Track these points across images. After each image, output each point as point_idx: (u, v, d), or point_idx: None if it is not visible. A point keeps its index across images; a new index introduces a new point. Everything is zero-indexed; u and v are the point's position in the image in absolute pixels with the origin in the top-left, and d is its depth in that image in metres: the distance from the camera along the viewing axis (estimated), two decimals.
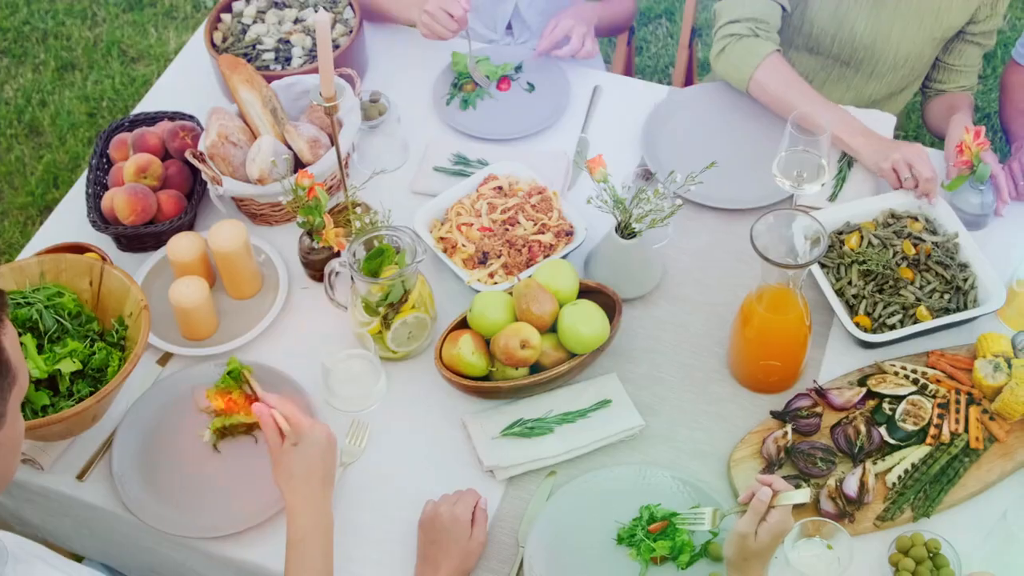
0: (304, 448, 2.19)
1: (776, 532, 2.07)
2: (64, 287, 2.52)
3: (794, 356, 2.51)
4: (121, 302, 2.51)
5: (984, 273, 2.65)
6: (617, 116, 3.12)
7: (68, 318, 2.47)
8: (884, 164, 2.79)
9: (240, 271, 2.69)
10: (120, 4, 5.31)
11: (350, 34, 3.09)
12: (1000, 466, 2.44)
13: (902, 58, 3.13)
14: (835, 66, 3.21)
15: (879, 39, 3.09)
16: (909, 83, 3.26)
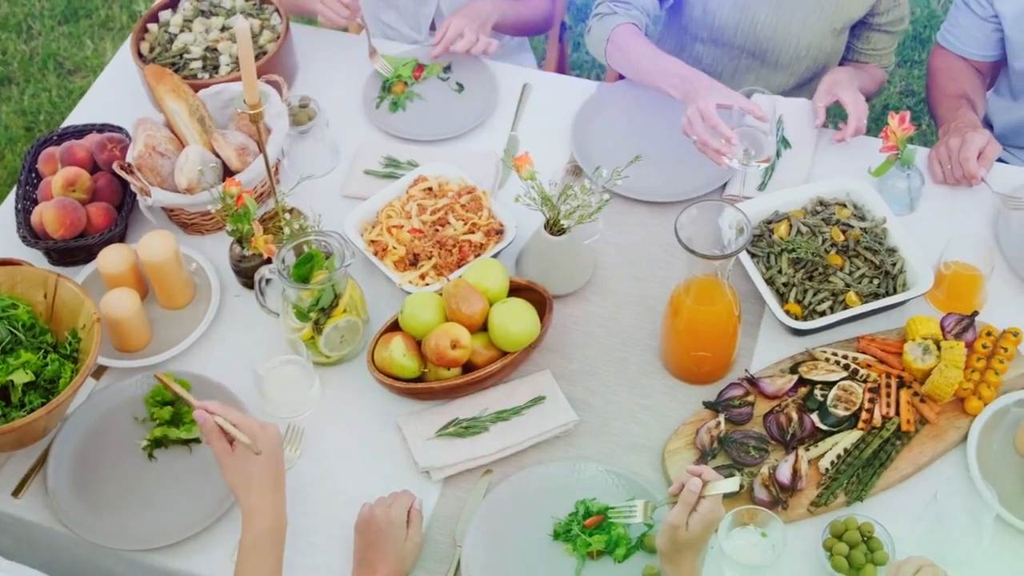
0: (261, 451, 2.18)
1: (707, 522, 2.08)
2: (19, 299, 2.51)
3: (725, 346, 2.53)
4: (75, 315, 2.50)
5: (912, 257, 2.68)
6: (547, 113, 3.13)
7: (22, 330, 2.46)
8: (689, 109, 2.79)
9: (171, 281, 2.68)
10: (55, 16, 5.29)
11: (277, 40, 3.08)
12: (932, 448, 2.46)
13: (804, 48, 3.17)
14: (742, 57, 3.24)
15: (780, 30, 3.13)
16: (816, 73, 3.29)
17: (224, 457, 2.18)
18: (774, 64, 3.23)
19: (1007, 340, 2.56)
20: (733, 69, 3.25)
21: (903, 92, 5.00)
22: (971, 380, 2.51)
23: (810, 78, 3.30)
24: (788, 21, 3.11)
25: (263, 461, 2.17)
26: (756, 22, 3.12)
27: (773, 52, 3.18)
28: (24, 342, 2.46)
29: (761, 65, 3.24)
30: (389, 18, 3.55)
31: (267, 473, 2.18)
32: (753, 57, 3.23)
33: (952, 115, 3.06)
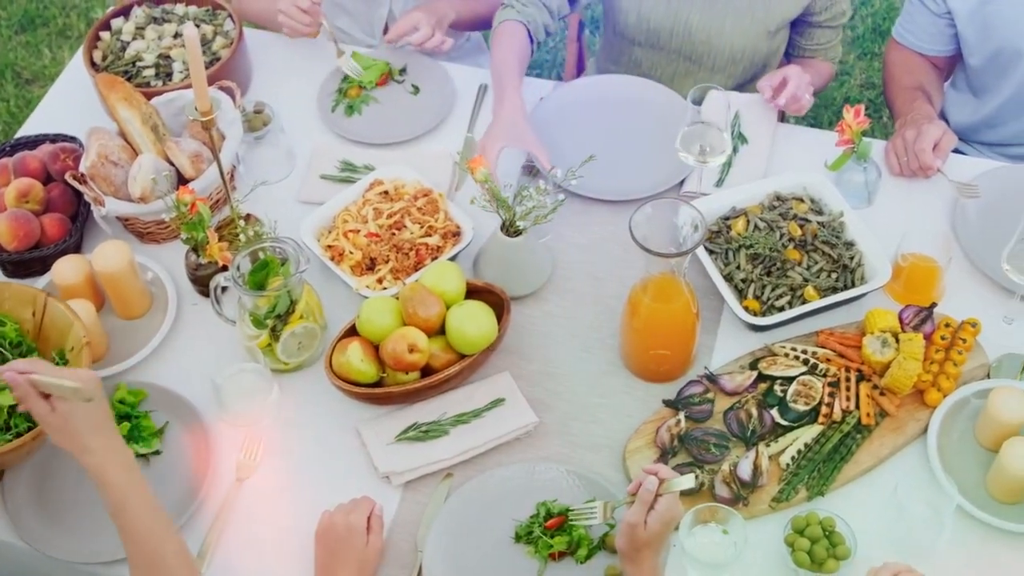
0: (76, 410, 2.05)
1: (665, 520, 2.08)
2: (7, 316, 2.49)
3: (684, 344, 2.53)
4: (63, 335, 2.48)
5: (870, 250, 2.68)
6: None
7: (9, 348, 2.44)
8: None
9: (127, 291, 2.66)
10: (12, 25, 5.25)
11: (231, 46, 3.07)
12: (892, 440, 2.46)
13: (738, 51, 3.18)
14: (679, 61, 3.24)
15: (714, 33, 3.14)
16: (755, 75, 3.30)
17: (48, 418, 2.03)
18: (711, 67, 3.23)
19: (965, 331, 2.57)
20: (672, 73, 3.25)
21: (863, 85, 5.01)
22: (930, 372, 2.52)
23: (749, 80, 3.30)
24: (721, 25, 3.12)
25: (93, 408, 2.04)
26: (690, 26, 3.13)
27: (709, 56, 3.19)
28: (11, 361, 2.41)
29: (699, 69, 3.25)
30: (342, 23, 3.53)
31: (101, 419, 2.06)
32: (690, 61, 3.23)
33: (908, 107, 3.07)
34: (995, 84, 3.15)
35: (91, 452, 2.05)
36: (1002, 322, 2.65)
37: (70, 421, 2.04)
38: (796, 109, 2.95)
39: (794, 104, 2.93)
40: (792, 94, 2.91)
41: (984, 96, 3.21)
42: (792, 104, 2.93)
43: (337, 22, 3.54)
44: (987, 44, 3.09)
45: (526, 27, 3.05)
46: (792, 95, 2.91)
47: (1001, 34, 3.03)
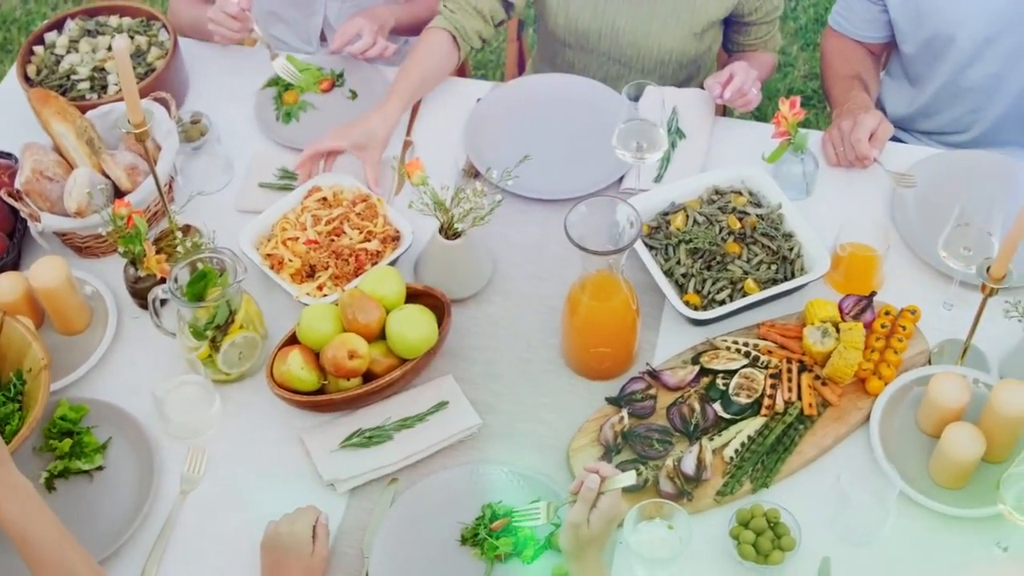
0: None
1: (608, 517, 2.08)
2: None
3: (624, 341, 2.53)
4: (20, 356, 2.47)
5: (809, 241, 2.69)
6: (443, 116, 3.11)
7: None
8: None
9: (66, 306, 2.65)
10: None
11: (166, 56, 3.05)
12: (835, 430, 2.47)
13: (666, 53, 3.19)
14: (609, 63, 3.26)
15: (641, 36, 3.15)
16: (691, 75, 3.31)
17: None
18: (641, 70, 3.24)
19: (905, 319, 2.58)
20: (603, 76, 3.26)
21: (806, 76, 5.03)
22: (871, 360, 2.53)
23: (683, 81, 3.32)
24: (647, 27, 3.13)
25: None
26: (617, 28, 3.14)
27: (638, 58, 3.20)
28: None
29: (629, 71, 3.25)
30: (278, 31, 3.53)
31: None
32: (620, 63, 3.24)
33: (845, 97, 3.08)
34: (929, 72, 3.17)
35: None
36: (942, 308, 2.66)
37: None
38: (743, 104, 2.96)
39: (740, 99, 2.94)
40: (738, 88, 2.91)
41: (919, 84, 3.23)
42: (739, 99, 2.94)
43: (273, 30, 3.53)
44: (920, 31, 3.11)
45: (452, 35, 3.05)
46: (738, 90, 2.92)
47: (932, 21, 3.05)
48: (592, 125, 3.00)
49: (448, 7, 3.09)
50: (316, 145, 2.86)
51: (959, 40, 3.05)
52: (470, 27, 3.08)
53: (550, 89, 3.14)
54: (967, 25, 3.01)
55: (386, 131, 2.90)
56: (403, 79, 2.99)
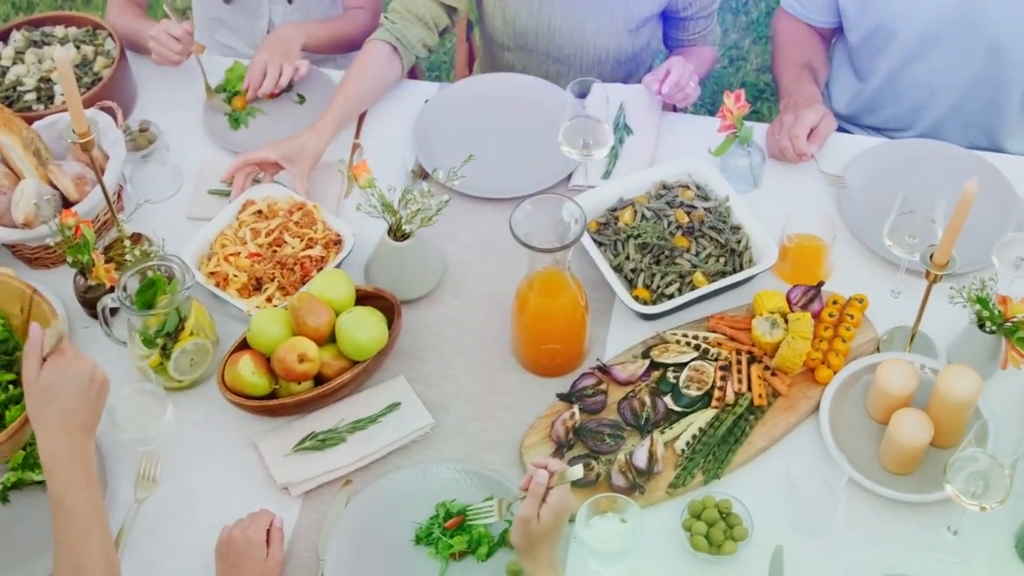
0: (62, 383, 2.06)
1: (558, 511, 2.09)
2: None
3: (574, 337, 2.54)
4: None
5: (756, 233, 2.71)
6: (392, 118, 3.12)
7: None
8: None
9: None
10: None
11: (112, 65, 3.05)
12: (785, 420, 2.49)
13: (602, 50, 3.21)
14: (548, 62, 3.27)
15: (576, 34, 3.16)
16: (630, 72, 3.33)
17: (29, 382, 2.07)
18: (579, 68, 3.26)
19: (853, 307, 2.60)
20: (544, 75, 3.27)
21: (759, 69, 5.05)
22: (819, 350, 2.55)
23: (623, 78, 3.34)
24: (582, 25, 3.15)
25: (63, 397, 2.07)
26: (553, 27, 3.16)
27: (575, 56, 3.22)
28: None
29: (568, 70, 3.27)
30: (224, 38, 3.53)
31: (68, 412, 2.07)
32: (559, 62, 3.26)
33: (794, 87, 3.09)
34: (872, 64, 3.18)
35: (49, 435, 2.05)
36: (889, 296, 2.69)
37: (48, 395, 2.05)
38: (682, 99, 2.98)
39: (679, 93, 2.96)
40: (675, 83, 2.93)
41: (863, 78, 3.24)
42: (677, 94, 2.95)
43: (218, 37, 3.53)
44: (866, 20, 3.13)
45: (393, 46, 3.05)
46: (675, 84, 2.93)
47: (878, 11, 3.07)
48: (540, 123, 3.02)
49: (390, 18, 3.10)
50: (245, 156, 2.86)
51: (902, 34, 3.07)
52: (413, 36, 3.08)
53: (497, 89, 3.15)
54: (911, 20, 3.03)
55: (318, 147, 2.90)
56: (339, 96, 2.99)
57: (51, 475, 2.05)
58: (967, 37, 3.00)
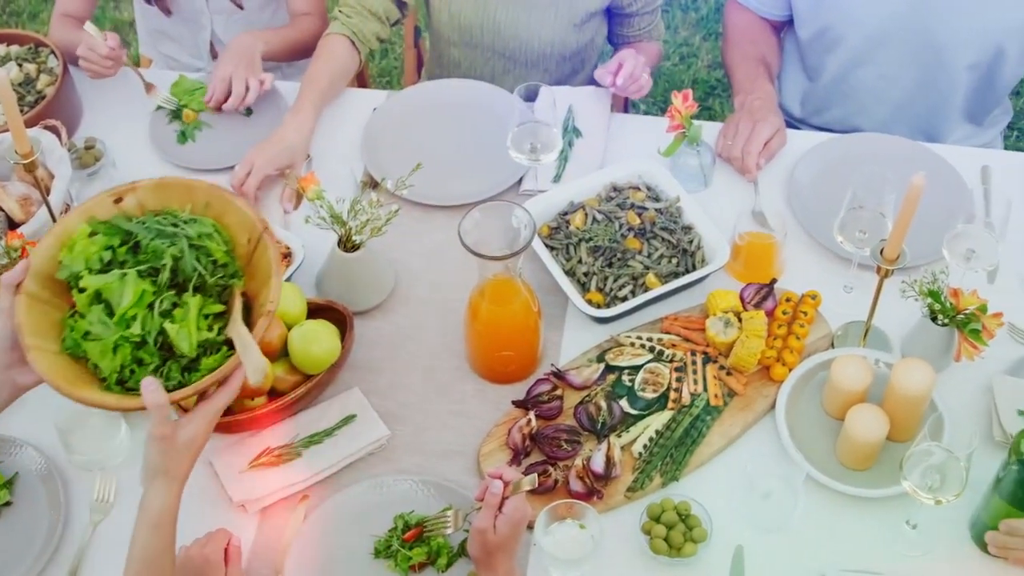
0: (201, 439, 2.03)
1: (514, 521, 2.09)
2: (223, 230, 2.15)
3: (528, 343, 2.53)
4: (261, 286, 2.12)
5: (708, 232, 2.70)
6: (340, 128, 3.10)
7: (209, 267, 2.09)
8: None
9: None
10: None
11: (55, 83, 3.02)
12: (742, 419, 2.49)
13: (547, 45, 3.20)
14: (494, 58, 3.26)
15: (521, 28, 3.16)
16: (575, 69, 3.33)
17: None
18: (525, 63, 3.26)
19: (806, 304, 2.60)
20: (491, 72, 3.27)
21: (710, 65, 5.06)
22: (774, 347, 2.55)
23: (569, 75, 3.34)
24: (527, 19, 3.15)
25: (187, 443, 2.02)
26: (498, 22, 3.15)
27: (520, 51, 3.21)
28: (207, 285, 2.09)
29: (515, 65, 3.27)
30: (168, 49, 3.51)
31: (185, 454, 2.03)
32: (505, 58, 3.25)
33: (750, 84, 3.07)
34: (821, 64, 3.19)
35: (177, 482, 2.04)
36: (842, 291, 2.69)
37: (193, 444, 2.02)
38: (636, 90, 2.97)
39: (633, 85, 2.95)
40: (629, 74, 2.93)
41: (813, 77, 3.25)
42: (631, 85, 2.95)
43: (162, 48, 3.51)
44: (816, 19, 3.13)
45: (350, 39, 3.04)
46: (629, 75, 2.93)
47: (828, 13, 3.07)
48: (489, 128, 3.01)
49: (344, 12, 3.10)
50: (249, 185, 2.82)
51: (850, 37, 3.07)
52: (367, 29, 3.08)
53: (446, 95, 3.14)
54: (860, 24, 3.03)
55: (305, 142, 2.91)
56: (311, 86, 2.99)
57: (158, 530, 2.02)
58: (914, 42, 3.02)
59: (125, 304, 2.00)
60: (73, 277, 2.04)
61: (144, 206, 2.14)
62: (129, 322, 2.00)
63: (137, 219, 2.11)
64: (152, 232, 2.06)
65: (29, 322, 2.01)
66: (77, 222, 2.09)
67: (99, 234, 2.07)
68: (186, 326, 2.01)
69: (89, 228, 2.08)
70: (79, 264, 2.03)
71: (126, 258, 2.05)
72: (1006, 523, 2.23)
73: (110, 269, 2.03)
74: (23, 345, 2.00)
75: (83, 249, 2.04)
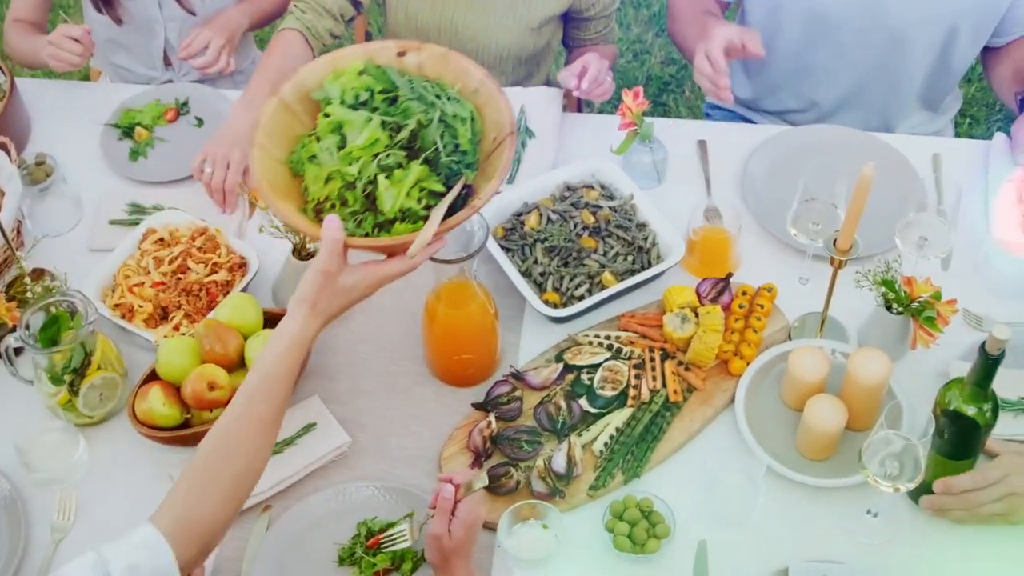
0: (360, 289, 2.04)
1: (468, 523, 2.09)
2: (479, 119, 2.14)
3: (485, 346, 2.53)
4: (483, 183, 2.09)
5: (663, 229, 2.71)
6: None
7: (449, 148, 2.07)
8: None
9: None
10: None
11: (3, 99, 3.00)
12: (702, 414, 2.50)
13: (504, 48, 3.20)
14: None
15: (479, 31, 3.16)
16: (531, 72, 3.34)
17: None
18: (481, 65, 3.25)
19: (763, 297, 2.61)
20: None
21: (664, 62, 5.07)
22: (731, 341, 2.56)
23: (525, 78, 3.33)
24: (485, 22, 3.14)
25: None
26: (455, 24, 3.15)
27: (477, 54, 3.21)
28: (439, 162, 2.06)
29: None
30: (121, 59, 3.49)
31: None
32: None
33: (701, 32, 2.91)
34: (772, 43, 3.18)
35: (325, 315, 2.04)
36: (798, 283, 2.70)
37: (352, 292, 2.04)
38: (600, 93, 2.97)
39: (598, 89, 2.95)
40: (594, 78, 2.93)
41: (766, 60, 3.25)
42: (596, 88, 2.95)
43: (115, 59, 3.50)
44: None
45: (304, 35, 3.05)
46: (594, 79, 2.93)
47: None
48: None
49: (299, 7, 3.10)
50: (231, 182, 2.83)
51: (801, 17, 3.07)
52: (321, 26, 3.08)
53: None
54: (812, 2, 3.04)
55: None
56: (262, 77, 2.98)
57: (286, 355, 1.99)
58: (867, 24, 3.02)
59: (356, 144, 2.03)
60: (326, 101, 2.09)
61: (422, 68, 2.17)
62: (352, 161, 2.03)
63: (408, 77, 2.13)
64: (414, 93, 2.08)
65: (269, 124, 2.10)
66: (355, 57, 2.15)
67: (367, 75, 2.11)
68: (398, 187, 2.01)
69: (362, 66, 2.13)
70: (336, 92, 2.08)
71: (379, 106, 2.08)
72: (941, 482, 2.26)
73: (359, 109, 2.07)
74: (254, 142, 2.08)
75: (347, 82, 2.10)
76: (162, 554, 1.84)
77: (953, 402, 2.16)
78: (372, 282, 2.02)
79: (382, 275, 2.02)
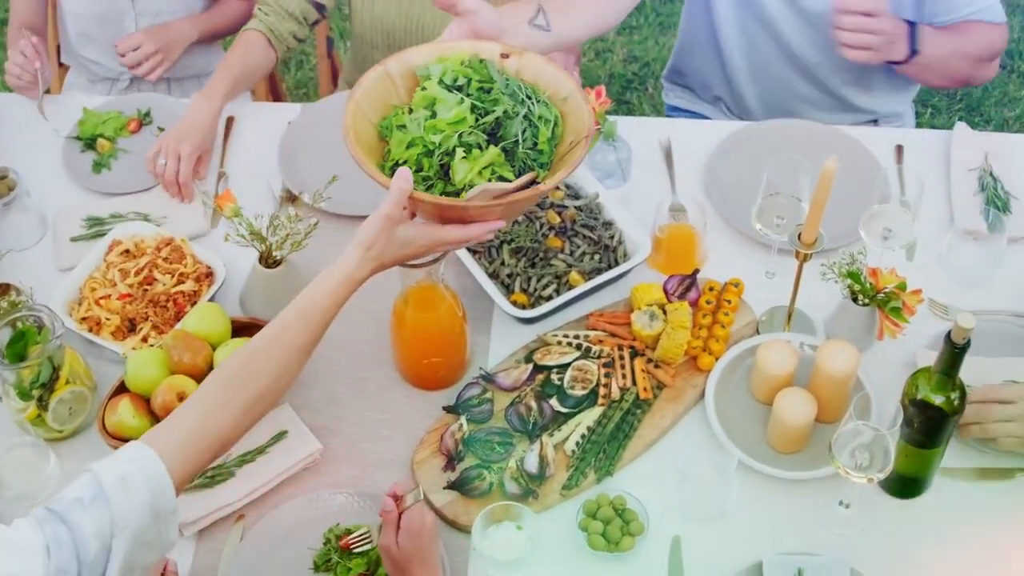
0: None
1: (411, 533, 2.10)
2: (562, 125, 2.26)
3: (454, 349, 2.53)
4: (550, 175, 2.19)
5: (628, 227, 2.72)
6: (256, 143, 3.09)
7: (528, 143, 2.19)
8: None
9: None
10: None
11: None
12: (672, 410, 2.50)
13: None
14: None
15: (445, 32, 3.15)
16: None
17: None
18: None
19: (730, 292, 2.62)
20: None
21: (626, 60, 5.08)
22: (700, 337, 2.57)
23: None
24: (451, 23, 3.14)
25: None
26: (422, 25, 3.15)
27: None
28: (516, 154, 2.18)
29: None
30: (90, 53, 3.49)
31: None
32: None
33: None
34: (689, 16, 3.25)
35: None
36: (765, 277, 2.71)
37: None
38: None
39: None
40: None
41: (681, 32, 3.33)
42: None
43: (84, 53, 3.49)
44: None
45: (265, 36, 3.06)
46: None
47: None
48: None
49: (263, 10, 3.14)
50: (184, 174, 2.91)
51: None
52: (284, 29, 3.10)
53: None
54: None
55: (215, 126, 3.02)
56: (224, 73, 3.04)
57: (333, 292, 2.10)
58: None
59: (443, 118, 2.16)
60: (426, 77, 2.23)
61: (520, 73, 2.28)
62: (436, 131, 2.15)
63: (506, 76, 2.24)
64: (508, 90, 2.20)
65: (369, 88, 2.25)
66: (462, 48, 2.30)
67: (469, 66, 2.24)
68: (471, 163, 2.12)
69: (467, 57, 2.27)
70: (438, 71, 2.23)
71: (473, 92, 2.20)
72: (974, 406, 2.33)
73: (454, 91, 2.20)
74: (351, 96, 2.22)
75: (449, 67, 2.24)
76: (151, 462, 1.84)
77: (921, 391, 2.18)
78: (427, 243, 2.10)
79: (437, 238, 2.10)
